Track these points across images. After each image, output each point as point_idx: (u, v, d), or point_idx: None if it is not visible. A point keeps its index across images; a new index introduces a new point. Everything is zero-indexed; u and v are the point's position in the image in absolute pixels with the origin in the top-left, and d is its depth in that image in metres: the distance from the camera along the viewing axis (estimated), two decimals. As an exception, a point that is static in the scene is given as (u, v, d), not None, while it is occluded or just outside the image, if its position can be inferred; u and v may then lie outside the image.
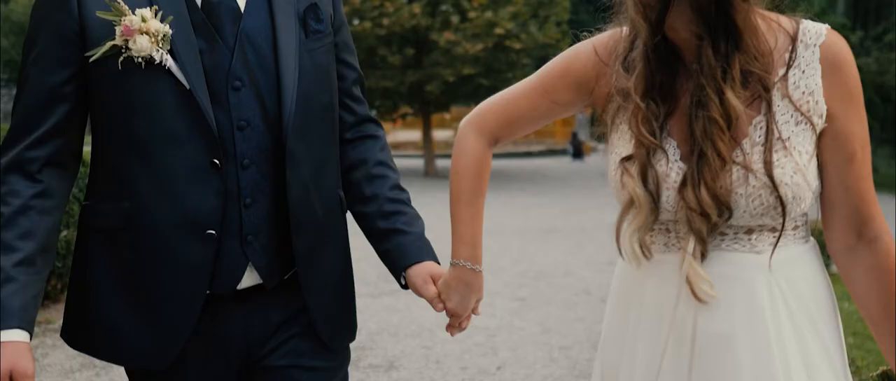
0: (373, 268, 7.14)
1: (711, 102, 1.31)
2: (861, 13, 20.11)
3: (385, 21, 15.93)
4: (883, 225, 1.40)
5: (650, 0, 1.32)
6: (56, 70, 1.54)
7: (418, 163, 19.80)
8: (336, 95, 1.75)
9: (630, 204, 1.39)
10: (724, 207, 1.33)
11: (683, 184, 1.34)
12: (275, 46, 1.60)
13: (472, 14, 16.67)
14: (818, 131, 1.35)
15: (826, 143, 1.36)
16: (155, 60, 1.51)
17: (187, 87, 1.52)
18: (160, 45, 1.51)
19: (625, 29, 1.44)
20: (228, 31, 1.58)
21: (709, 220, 1.33)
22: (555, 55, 1.56)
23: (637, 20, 1.35)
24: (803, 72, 1.35)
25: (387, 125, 31.16)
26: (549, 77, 1.54)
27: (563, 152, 24.80)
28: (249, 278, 1.63)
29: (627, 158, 1.39)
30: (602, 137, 1.51)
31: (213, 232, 1.56)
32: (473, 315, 1.73)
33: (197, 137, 1.54)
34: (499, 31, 16.56)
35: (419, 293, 1.71)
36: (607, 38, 1.48)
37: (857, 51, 17.09)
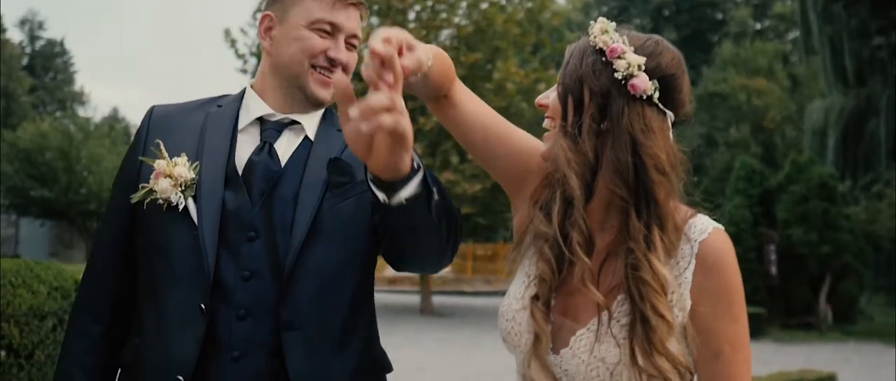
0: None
1: (643, 265, 1.33)
2: (850, 163, 20.61)
3: (386, 160, 16.31)
4: None
5: (580, 160, 1.38)
6: (121, 215, 1.68)
7: (415, 299, 19.72)
8: (372, 245, 1.68)
9: (538, 339, 1.39)
10: (683, 368, 1.33)
11: (633, 355, 1.32)
12: (295, 203, 1.63)
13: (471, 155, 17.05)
14: (676, 323, 1.34)
15: (693, 337, 1.36)
16: (173, 203, 1.60)
17: (197, 231, 1.59)
18: (183, 189, 1.60)
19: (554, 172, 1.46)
20: (258, 188, 1.63)
21: None
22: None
23: (571, 177, 1.38)
24: (678, 263, 1.38)
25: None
26: (523, 137, 1.58)
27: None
28: None
29: (537, 297, 1.40)
30: None
31: (181, 379, 1.54)
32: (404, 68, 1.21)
33: (196, 282, 1.57)
34: (497, 171, 16.88)
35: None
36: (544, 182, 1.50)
37: (847, 199, 17.41)
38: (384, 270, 32.63)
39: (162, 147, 1.64)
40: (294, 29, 1.68)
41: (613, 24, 1.44)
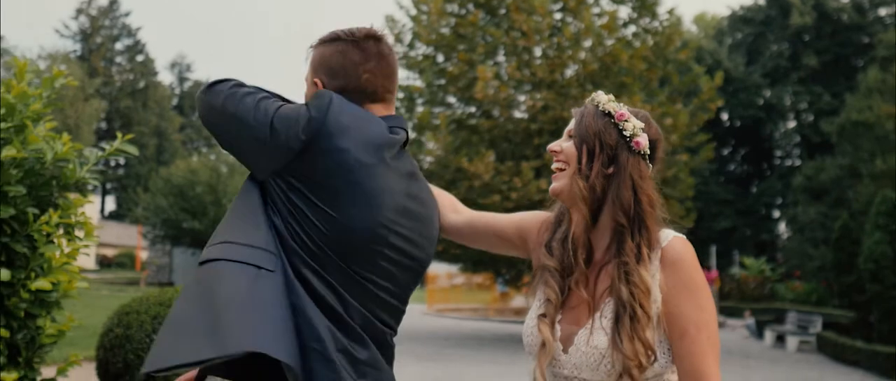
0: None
1: (634, 273, 1.73)
2: None
3: (513, 194, 16.57)
4: None
5: (591, 196, 1.81)
6: None
7: (541, 332, 19.73)
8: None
9: (542, 346, 1.78)
10: (652, 352, 1.70)
11: (617, 341, 1.70)
12: None
13: (597, 189, 17.02)
14: (653, 313, 1.72)
15: (665, 321, 1.73)
16: None
17: None
18: None
19: (550, 216, 1.95)
20: None
21: (642, 366, 1.69)
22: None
23: (582, 208, 1.82)
24: (647, 268, 1.76)
25: (513, 292, 31.08)
26: (518, 215, 2.07)
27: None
28: None
29: (543, 315, 1.80)
30: None
31: None
32: None
33: None
34: (623, 205, 16.78)
35: None
36: (545, 223, 1.98)
37: None
38: (512, 299, 32.52)
39: None
40: None
41: (611, 96, 1.90)
